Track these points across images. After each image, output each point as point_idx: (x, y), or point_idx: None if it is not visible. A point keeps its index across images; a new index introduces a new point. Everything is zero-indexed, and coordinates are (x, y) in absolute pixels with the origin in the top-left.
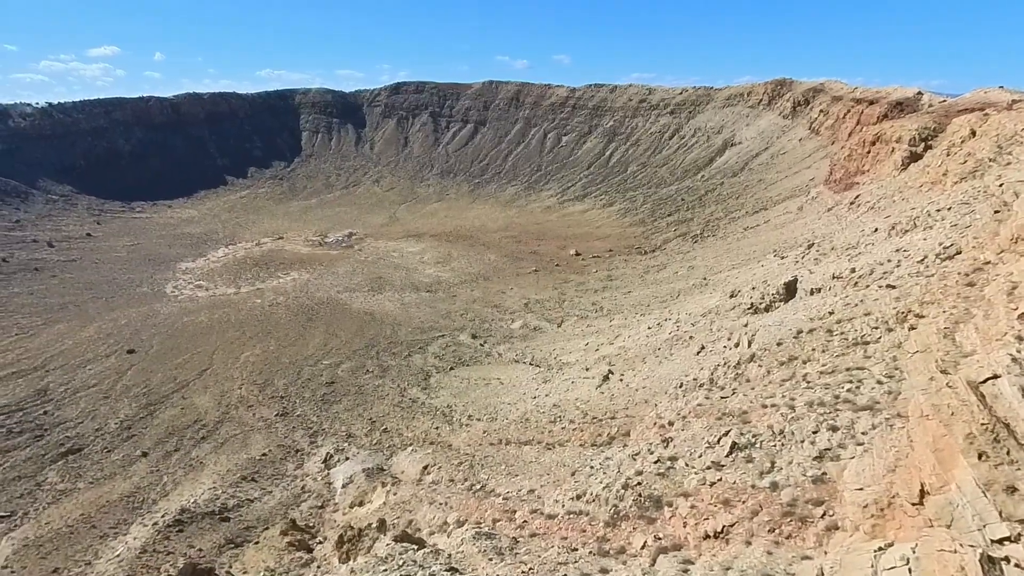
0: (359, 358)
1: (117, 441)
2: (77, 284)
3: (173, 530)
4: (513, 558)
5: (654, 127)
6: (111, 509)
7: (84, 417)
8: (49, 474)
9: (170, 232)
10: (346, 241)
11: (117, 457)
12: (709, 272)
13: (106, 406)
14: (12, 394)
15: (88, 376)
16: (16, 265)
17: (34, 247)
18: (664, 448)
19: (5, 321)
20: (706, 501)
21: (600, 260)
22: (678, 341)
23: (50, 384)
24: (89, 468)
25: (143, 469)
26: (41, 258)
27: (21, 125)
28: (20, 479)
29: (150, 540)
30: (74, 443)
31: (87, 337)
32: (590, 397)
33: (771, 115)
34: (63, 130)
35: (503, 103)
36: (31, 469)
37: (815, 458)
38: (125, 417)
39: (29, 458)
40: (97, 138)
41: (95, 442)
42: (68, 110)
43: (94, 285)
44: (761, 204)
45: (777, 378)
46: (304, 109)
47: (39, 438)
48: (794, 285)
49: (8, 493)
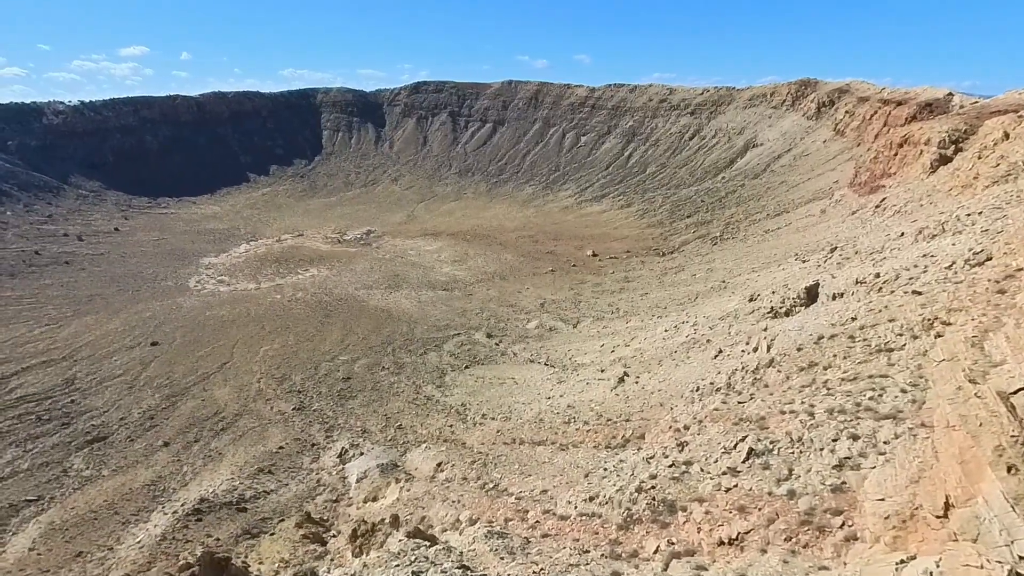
0: (375, 355)
1: (140, 431)
2: (105, 277)
3: (192, 519)
4: (525, 558)
5: (674, 128)
6: (133, 496)
7: (109, 406)
8: (75, 461)
9: (194, 228)
10: (364, 239)
11: (140, 446)
12: (728, 275)
13: (130, 396)
14: (42, 382)
15: (114, 367)
16: (48, 258)
17: (64, 241)
18: (679, 452)
19: (37, 312)
20: (721, 507)
21: (617, 261)
22: (695, 344)
23: (78, 374)
24: (113, 456)
25: (164, 458)
26: (71, 251)
27: (54, 123)
28: (48, 465)
29: (170, 528)
30: (99, 431)
31: (113, 329)
32: (605, 399)
33: (795, 116)
34: (94, 127)
35: (522, 103)
36: (58, 455)
37: (835, 467)
38: (148, 407)
39: (56, 445)
40: (126, 135)
41: (119, 431)
42: (99, 108)
43: (121, 278)
44: (783, 206)
45: (796, 384)
46: (325, 108)
47: (66, 425)
48: (816, 289)
49: (36, 478)
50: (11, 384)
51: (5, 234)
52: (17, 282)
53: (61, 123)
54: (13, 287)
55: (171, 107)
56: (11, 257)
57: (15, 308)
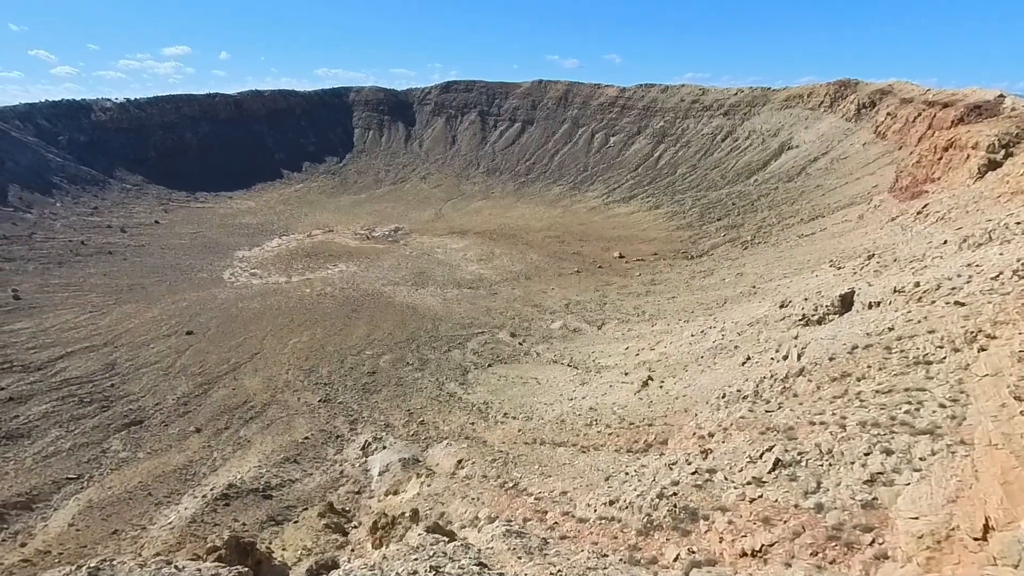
0: (400, 350)
1: (174, 416)
2: (145, 268)
3: (220, 503)
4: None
5: (706, 129)
6: (166, 479)
7: (146, 392)
8: (113, 442)
9: (229, 222)
10: (392, 236)
11: (173, 431)
12: (759, 280)
13: (166, 383)
14: (84, 367)
15: (151, 354)
16: (92, 248)
17: (108, 232)
18: (703, 460)
19: (81, 299)
20: (745, 517)
21: (644, 264)
22: (722, 350)
23: (118, 359)
24: (148, 439)
25: (196, 444)
26: (114, 242)
27: (101, 119)
28: (88, 445)
29: (199, 511)
30: (136, 415)
31: (152, 317)
32: (628, 402)
33: (833, 118)
34: (137, 124)
35: (551, 102)
36: (98, 437)
37: (866, 481)
38: (182, 394)
39: (96, 426)
40: (167, 132)
41: (155, 416)
42: (143, 105)
43: (159, 269)
44: (818, 211)
45: (828, 394)
46: (357, 106)
47: (106, 408)
48: (851, 297)
49: (77, 457)
50: (56, 367)
51: (54, 224)
52: (64, 270)
53: (108, 119)
54: (61, 275)
55: (210, 105)
56: (59, 247)
57: (62, 295)
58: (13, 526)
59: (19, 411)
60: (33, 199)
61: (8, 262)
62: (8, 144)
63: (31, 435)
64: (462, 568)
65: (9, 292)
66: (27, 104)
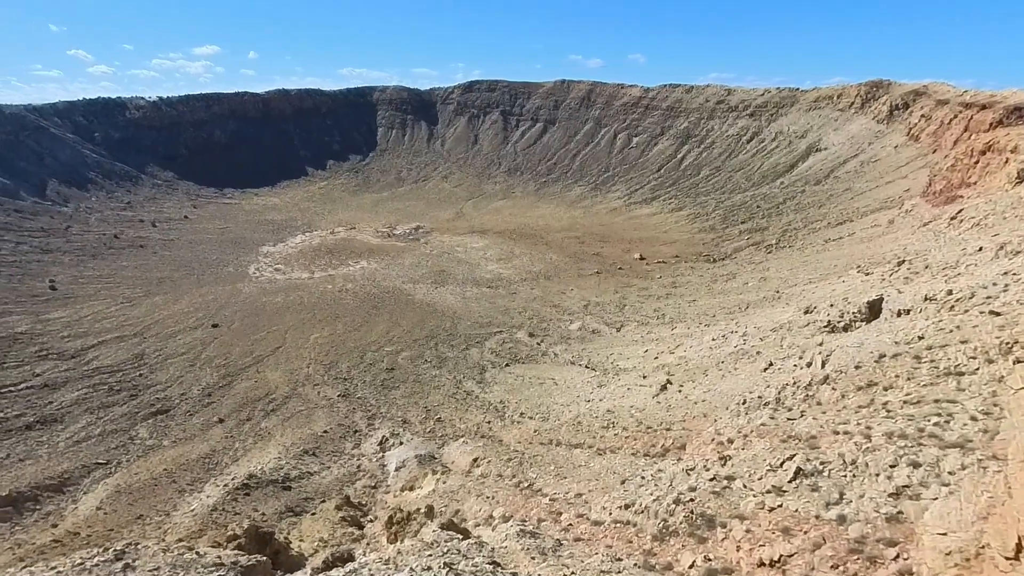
0: (419, 347)
1: (199, 406)
2: (174, 261)
3: (241, 493)
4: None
5: (731, 130)
6: (190, 467)
7: (172, 382)
8: (140, 430)
9: (255, 218)
10: (413, 234)
11: (198, 421)
12: (783, 285)
13: (191, 374)
14: (115, 356)
15: (178, 345)
16: (125, 241)
17: (140, 226)
18: (721, 466)
19: (113, 291)
20: (763, 527)
21: (665, 266)
22: (744, 355)
23: (146, 350)
24: (173, 428)
25: (219, 434)
26: (145, 236)
27: (135, 116)
28: (116, 432)
29: (220, 500)
30: (163, 404)
31: (179, 310)
32: (646, 406)
33: (864, 119)
34: (169, 121)
35: (574, 102)
36: (126, 424)
37: (891, 494)
38: (207, 385)
39: (125, 414)
40: (197, 129)
41: (180, 405)
42: (174, 104)
43: (187, 263)
44: (846, 215)
45: (853, 404)
46: (381, 106)
47: (134, 397)
48: (879, 304)
49: (106, 443)
50: (89, 356)
51: (89, 218)
52: (98, 262)
53: (141, 117)
54: (94, 267)
55: (239, 103)
56: (94, 240)
57: (95, 286)
58: (45, 507)
59: (53, 397)
60: (70, 193)
61: (46, 254)
62: (47, 140)
63: (64, 420)
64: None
65: (46, 282)
66: (66, 102)
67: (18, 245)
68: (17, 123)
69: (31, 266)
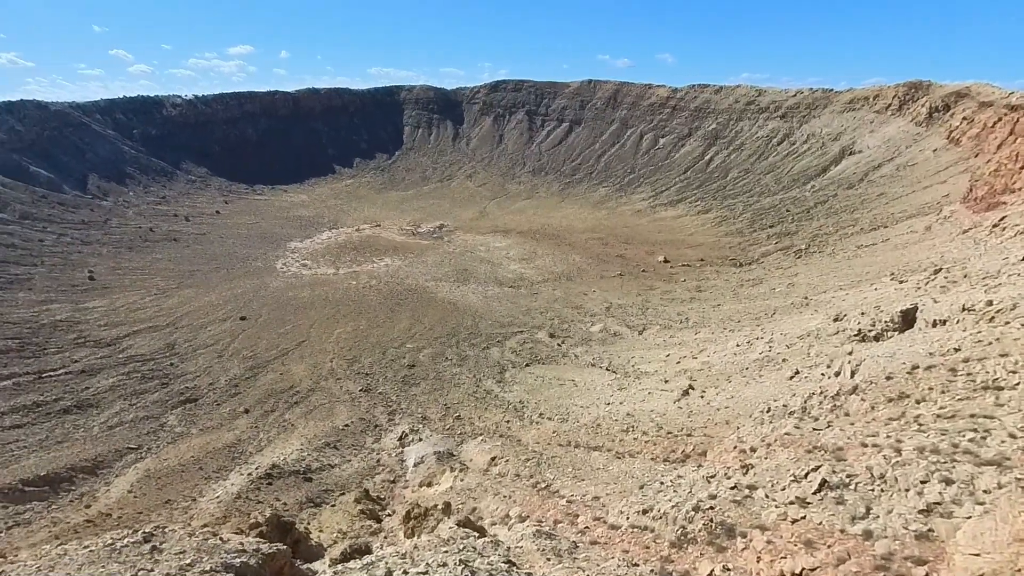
0: (440, 345)
1: (226, 396)
2: (205, 255)
3: (264, 482)
4: (571, 562)
5: (761, 131)
6: (216, 455)
7: (201, 372)
8: (170, 417)
9: (283, 214)
10: (437, 232)
11: (225, 410)
12: (812, 291)
13: (219, 364)
14: (148, 345)
15: (207, 336)
16: (159, 235)
17: (174, 220)
18: (743, 475)
19: (147, 282)
20: (785, 538)
21: (690, 269)
22: (769, 362)
23: (177, 340)
24: (201, 417)
25: (244, 424)
26: (179, 230)
27: (172, 114)
28: (148, 419)
29: (244, 488)
30: (192, 393)
31: (209, 302)
32: (667, 410)
33: (901, 121)
34: (204, 119)
35: (600, 103)
36: (157, 411)
37: (921, 511)
38: (234, 376)
39: (156, 401)
40: (230, 127)
41: (208, 395)
42: (209, 102)
43: (218, 257)
44: (880, 220)
45: (883, 416)
46: (408, 105)
47: (165, 385)
48: (913, 314)
49: (138, 429)
50: (123, 344)
51: (127, 212)
52: (134, 255)
53: (177, 115)
54: (130, 259)
55: (270, 102)
56: (130, 233)
57: (131, 278)
58: (80, 488)
59: (90, 383)
60: (109, 188)
61: (86, 245)
62: (90, 136)
63: (99, 406)
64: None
65: (86, 273)
66: (107, 100)
67: (60, 237)
68: (61, 120)
69: (72, 257)
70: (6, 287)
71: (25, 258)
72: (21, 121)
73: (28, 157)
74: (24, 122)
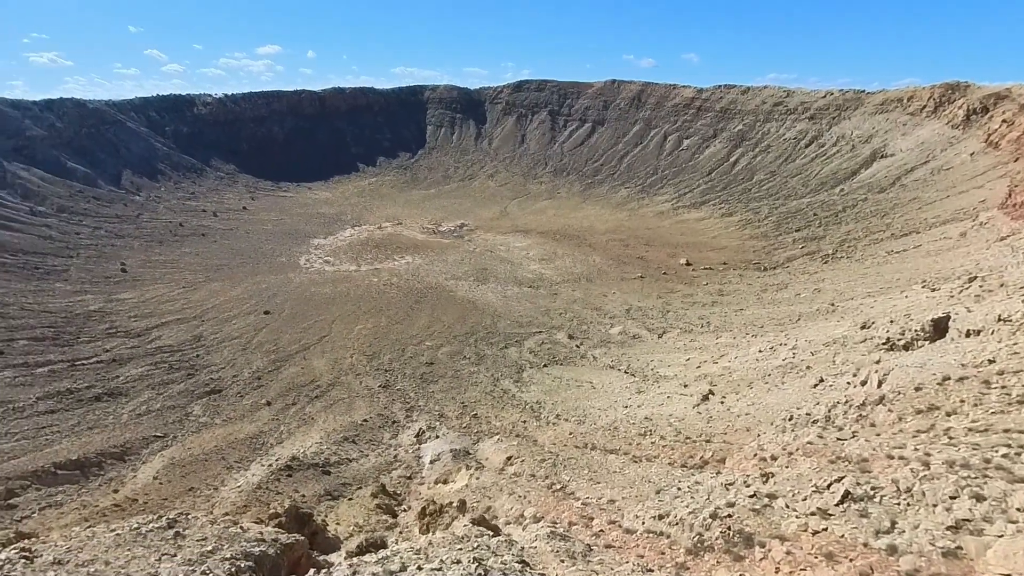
0: (458, 344)
1: (248, 388)
2: (231, 250)
3: (283, 474)
4: (585, 565)
5: (789, 133)
6: (238, 446)
7: (226, 364)
8: (195, 407)
9: (307, 211)
10: (458, 231)
11: (247, 402)
12: (838, 297)
13: (243, 357)
14: (176, 337)
15: (232, 329)
16: (188, 230)
17: (202, 216)
18: (763, 483)
19: (176, 275)
20: (805, 550)
21: (712, 273)
22: (792, 369)
23: (204, 332)
24: (225, 408)
25: (266, 416)
26: (207, 225)
27: (202, 112)
28: (174, 408)
29: (264, 479)
30: (216, 385)
31: (235, 296)
32: (685, 415)
33: (936, 124)
34: (232, 117)
35: (624, 103)
36: (182, 401)
37: (949, 527)
38: (257, 369)
39: (182, 391)
40: (258, 125)
41: (232, 386)
42: (237, 100)
43: (244, 252)
44: (912, 226)
45: (911, 428)
46: (431, 104)
47: (191, 376)
48: (945, 323)
49: (164, 418)
50: (152, 335)
51: (158, 207)
52: (164, 248)
53: (207, 113)
54: (160, 252)
55: (297, 101)
56: (161, 227)
57: (161, 271)
58: (108, 473)
59: (120, 372)
60: (142, 183)
61: (119, 239)
62: (125, 134)
63: (128, 394)
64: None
65: (118, 265)
66: (141, 98)
67: (95, 230)
68: (98, 117)
69: (105, 249)
70: (44, 277)
71: (62, 250)
72: (60, 118)
73: (66, 153)
74: (63, 119)
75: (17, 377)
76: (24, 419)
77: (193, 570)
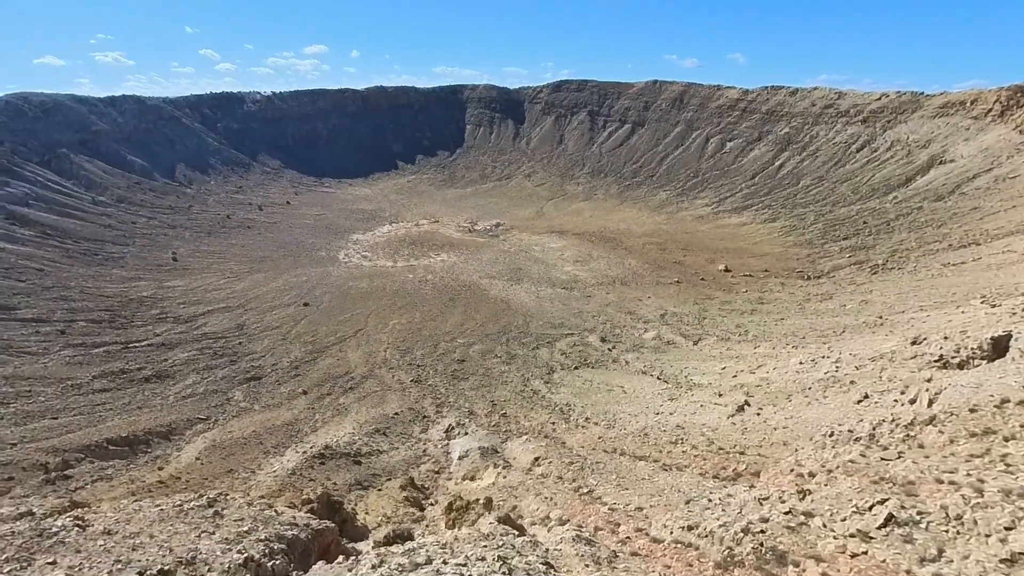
0: (490, 342)
1: (286, 377)
2: (275, 243)
3: (316, 461)
4: (610, 571)
5: (839, 137)
6: (275, 432)
7: (266, 352)
8: (236, 393)
9: (348, 207)
10: (493, 230)
11: (285, 390)
12: (887, 310)
13: (282, 346)
14: (220, 324)
15: (273, 319)
16: (235, 222)
17: (248, 209)
18: (799, 500)
19: (222, 266)
20: (842, 572)
21: (752, 280)
22: (835, 383)
23: (246, 321)
24: (264, 394)
25: (302, 404)
26: (252, 218)
27: (251, 110)
28: (216, 392)
29: (299, 465)
30: (256, 372)
31: (276, 287)
32: (719, 425)
33: (1002, 129)
34: (279, 115)
35: (665, 104)
36: (224, 386)
37: (1004, 560)
38: (295, 358)
39: (224, 377)
40: (303, 122)
41: (271, 374)
42: (284, 98)
43: (286, 245)
44: (972, 237)
45: (963, 451)
46: (471, 103)
47: (233, 363)
48: (1006, 342)
49: (207, 401)
50: (199, 322)
51: (208, 200)
52: (212, 239)
53: (256, 110)
54: (209, 243)
55: (340, 99)
56: (210, 219)
57: (208, 261)
58: (154, 452)
59: (168, 355)
60: (194, 176)
61: (171, 229)
62: (179, 129)
63: (175, 377)
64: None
65: (170, 254)
66: (195, 95)
67: (150, 220)
68: (156, 114)
69: (159, 239)
70: (103, 263)
71: (120, 238)
72: (122, 114)
73: (126, 147)
74: (124, 115)
75: (76, 356)
76: (81, 396)
77: (230, 548)
